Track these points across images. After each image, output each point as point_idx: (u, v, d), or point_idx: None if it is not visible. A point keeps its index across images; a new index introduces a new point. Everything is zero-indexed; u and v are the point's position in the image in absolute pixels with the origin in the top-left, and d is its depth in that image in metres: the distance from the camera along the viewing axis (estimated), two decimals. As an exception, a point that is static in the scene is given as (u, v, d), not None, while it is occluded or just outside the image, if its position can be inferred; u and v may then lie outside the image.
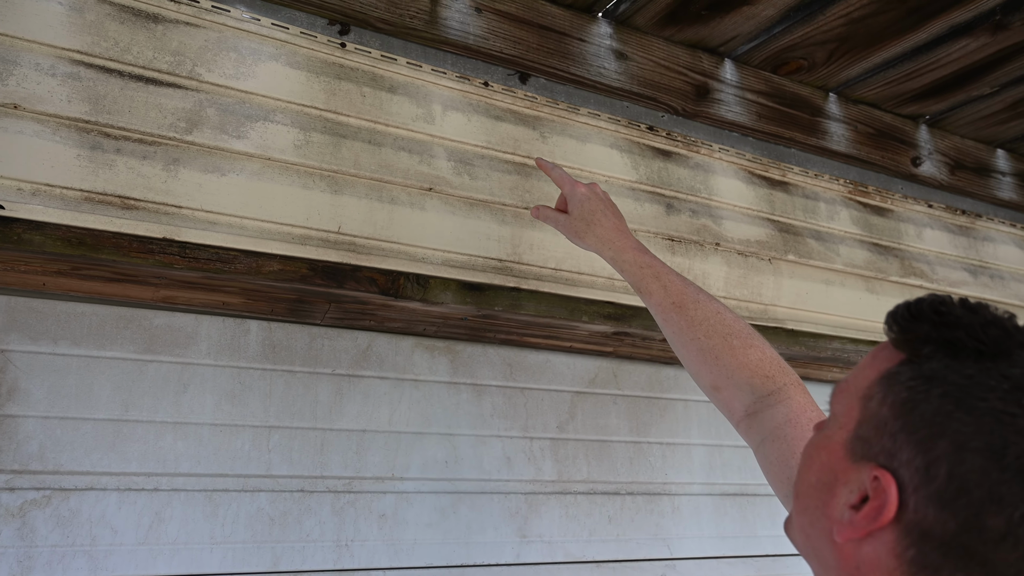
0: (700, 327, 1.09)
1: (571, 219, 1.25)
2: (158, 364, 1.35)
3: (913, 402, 0.61)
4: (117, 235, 1.19)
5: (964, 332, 0.61)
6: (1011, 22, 1.73)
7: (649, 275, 1.15)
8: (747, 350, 1.07)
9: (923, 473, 0.59)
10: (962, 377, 0.60)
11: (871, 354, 0.70)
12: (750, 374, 1.05)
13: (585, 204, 1.23)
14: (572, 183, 1.27)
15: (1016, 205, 2.27)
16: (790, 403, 1.02)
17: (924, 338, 0.63)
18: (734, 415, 1.10)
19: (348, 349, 1.50)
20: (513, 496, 1.58)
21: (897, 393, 0.63)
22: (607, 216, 1.22)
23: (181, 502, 1.31)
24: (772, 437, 1.01)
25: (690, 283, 1.15)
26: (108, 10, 1.24)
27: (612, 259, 1.20)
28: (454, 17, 1.50)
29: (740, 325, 1.10)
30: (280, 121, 1.32)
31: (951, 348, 0.61)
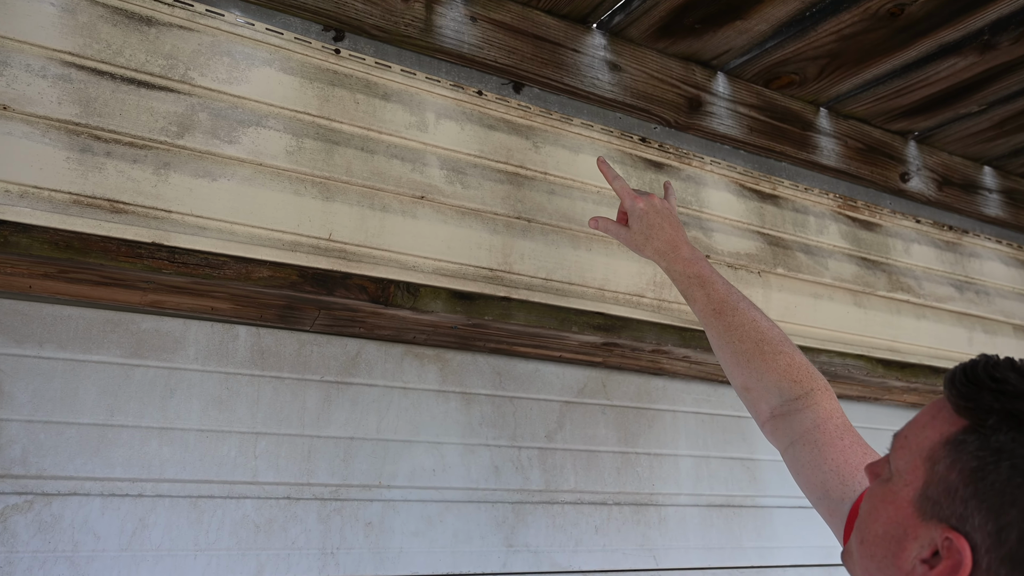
0: (736, 332, 1.17)
1: (631, 232, 1.32)
2: (145, 369, 1.32)
3: (983, 472, 0.67)
4: (105, 239, 1.16)
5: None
6: (999, 42, 1.73)
7: (695, 284, 1.23)
8: (777, 356, 1.13)
9: (995, 537, 0.65)
10: None
11: (930, 413, 0.76)
12: (779, 377, 1.12)
13: (644, 219, 1.30)
14: (632, 196, 1.32)
15: (1002, 222, 2.27)
16: (817, 408, 1.08)
17: (987, 408, 0.68)
18: (761, 416, 1.16)
19: (337, 356, 1.48)
20: (500, 505, 1.56)
21: (966, 461, 0.68)
22: (664, 229, 1.29)
23: (165, 508, 1.28)
24: (802, 441, 1.07)
25: (734, 291, 1.22)
26: (101, 12, 1.22)
27: (666, 269, 1.28)
28: (449, 26, 1.49)
29: (774, 332, 1.17)
30: (272, 127, 1.30)
31: (1015, 420, 0.67)
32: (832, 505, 1.01)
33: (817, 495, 1.04)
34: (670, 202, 1.36)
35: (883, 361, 1.92)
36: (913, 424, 0.77)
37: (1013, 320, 2.19)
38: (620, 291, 1.57)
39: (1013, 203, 2.31)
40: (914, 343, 1.98)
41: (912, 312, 2.01)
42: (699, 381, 1.91)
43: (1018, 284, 2.26)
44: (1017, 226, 2.30)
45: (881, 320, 1.94)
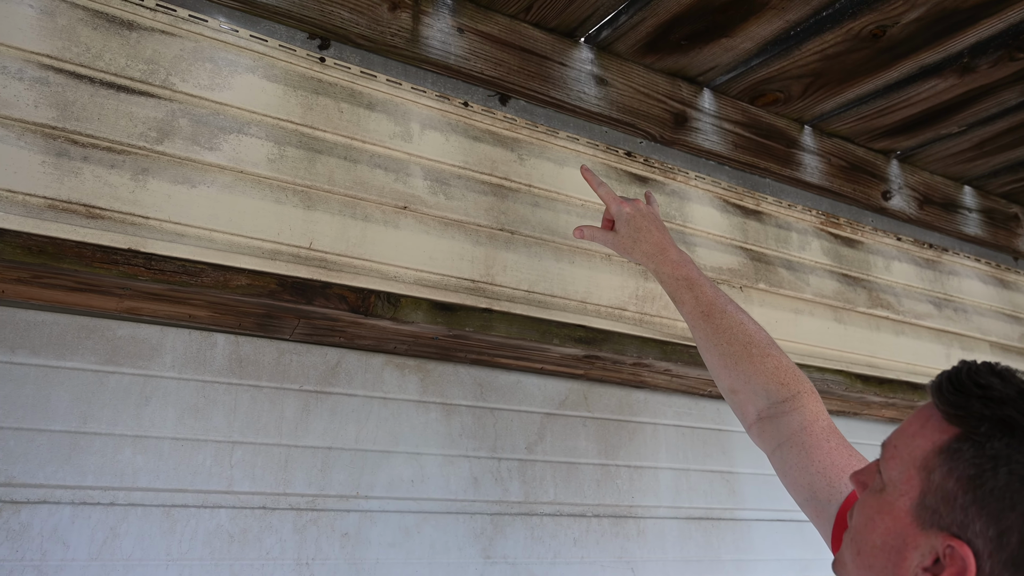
0: (724, 334, 1.15)
1: (619, 237, 1.30)
2: (120, 376, 1.28)
3: (981, 478, 0.67)
4: (80, 244, 1.12)
5: (1014, 410, 0.67)
6: (978, 65, 1.72)
7: (684, 286, 1.22)
8: (764, 359, 1.12)
9: (996, 542, 0.66)
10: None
11: (918, 421, 0.75)
12: (765, 380, 1.11)
13: (631, 222, 1.28)
14: (618, 201, 1.31)
15: (981, 240, 2.26)
16: (804, 411, 1.07)
17: (978, 416, 0.69)
18: (748, 418, 1.15)
19: (317, 365, 1.44)
20: (479, 516, 1.53)
21: (963, 469, 0.69)
22: (651, 232, 1.27)
23: (137, 517, 1.24)
24: (789, 444, 1.06)
25: (722, 294, 1.20)
26: (81, 15, 1.18)
27: (654, 271, 1.27)
28: (436, 36, 1.45)
29: (761, 335, 1.15)
30: (254, 134, 1.27)
31: (1007, 427, 0.68)
32: (819, 507, 1.00)
33: (804, 497, 1.03)
34: (653, 208, 1.35)
35: (862, 376, 1.90)
36: (902, 433, 0.77)
37: (990, 337, 2.17)
38: (602, 304, 1.54)
39: (992, 222, 2.30)
40: (893, 359, 1.96)
41: (891, 328, 1.99)
42: (680, 394, 1.88)
43: (995, 302, 2.24)
44: (995, 245, 2.29)
45: (861, 336, 1.91)
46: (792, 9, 1.54)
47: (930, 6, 1.53)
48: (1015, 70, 1.73)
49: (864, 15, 1.55)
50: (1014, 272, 2.35)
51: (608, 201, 1.32)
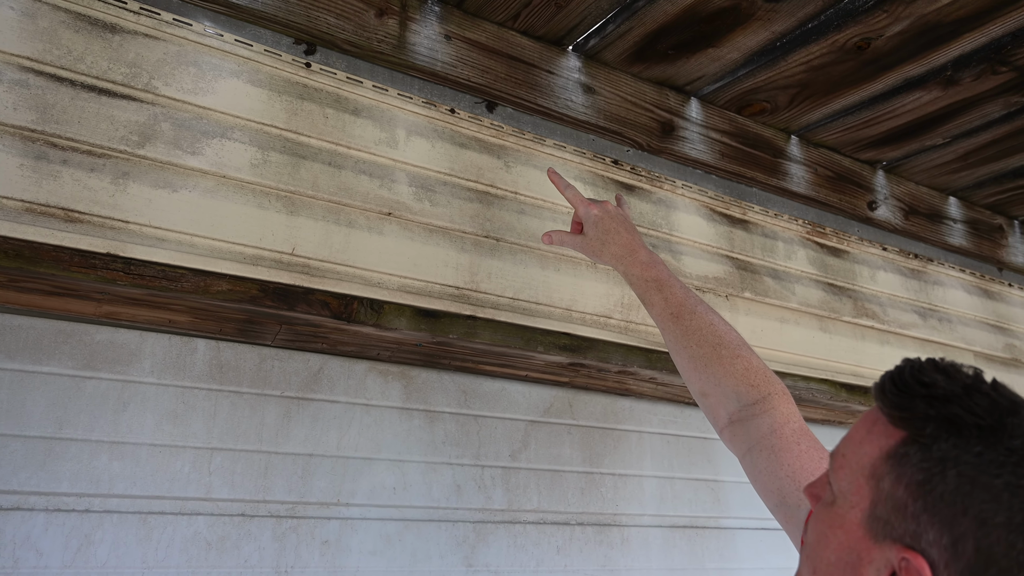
0: (693, 336, 1.12)
1: (587, 240, 1.26)
2: (97, 381, 1.25)
3: (930, 483, 0.63)
4: (58, 248, 1.10)
5: (959, 407, 0.63)
6: (961, 78, 1.71)
7: (653, 288, 1.18)
8: (734, 360, 1.08)
9: (951, 550, 0.61)
10: (972, 456, 0.62)
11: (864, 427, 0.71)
12: (735, 382, 1.07)
13: (599, 224, 1.24)
14: (585, 203, 1.27)
15: (966, 251, 2.24)
16: (775, 414, 1.04)
17: (923, 416, 0.64)
18: (719, 421, 1.11)
19: (299, 371, 1.41)
20: (461, 524, 1.50)
21: (911, 475, 0.64)
22: (620, 234, 1.23)
23: (113, 524, 1.21)
24: (759, 447, 1.02)
25: (692, 295, 1.17)
26: (63, 17, 1.15)
27: (623, 273, 1.23)
28: (423, 43, 1.43)
29: (731, 338, 1.12)
30: (238, 139, 1.24)
31: (953, 426, 0.63)
32: (789, 512, 0.97)
33: (774, 501, 1.00)
34: (623, 210, 1.31)
35: (847, 385, 1.88)
36: (849, 441, 0.72)
37: (974, 347, 2.16)
38: (587, 312, 1.52)
39: (977, 233, 2.29)
40: (877, 368, 1.94)
41: (876, 338, 1.97)
42: (665, 402, 1.86)
43: (980, 312, 2.23)
44: (980, 256, 2.28)
45: (846, 345, 1.90)
46: (778, 20, 1.53)
47: (913, 19, 1.52)
48: (998, 83, 1.73)
49: (849, 27, 1.54)
50: (998, 283, 2.34)
51: (575, 204, 1.28)
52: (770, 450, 1.00)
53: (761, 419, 1.04)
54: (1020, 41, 1.59)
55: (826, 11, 1.52)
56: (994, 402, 0.63)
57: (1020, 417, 0.63)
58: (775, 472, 0.99)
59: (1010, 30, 1.56)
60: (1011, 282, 2.37)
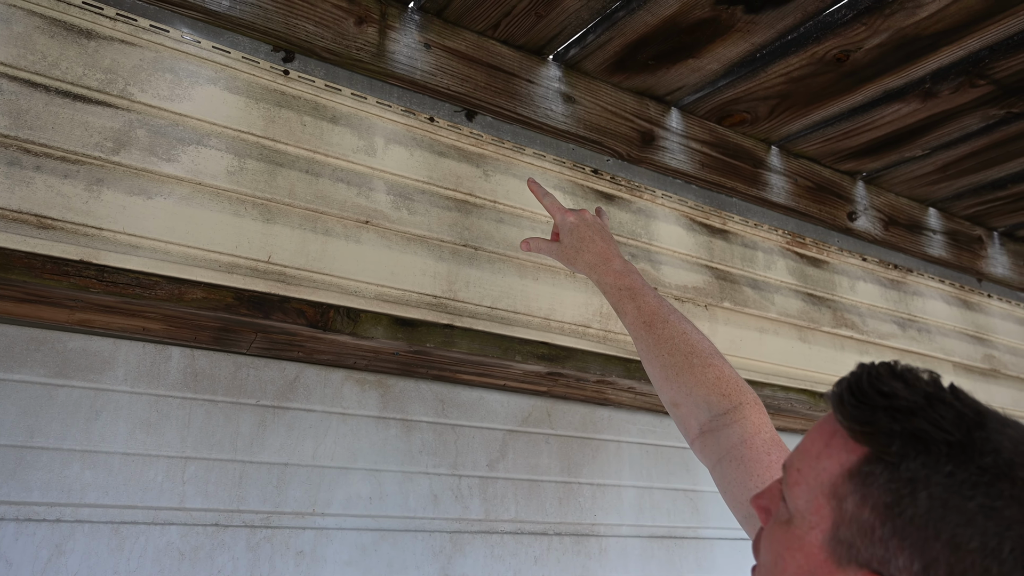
0: (665, 345, 1.12)
1: (562, 247, 1.27)
2: (70, 389, 1.26)
3: (899, 506, 0.60)
4: (30, 255, 1.11)
5: (924, 421, 0.60)
6: (939, 90, 1.75)
7: (626, 296, 1.18)
8: (705, 369, 1.08)
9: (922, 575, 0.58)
10: (943, 476, 0.59)
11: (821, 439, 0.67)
12: (707, 391, 1.06)
13: (575, 231, 1.26)
14: (562, 211, 1.29)
15: (945, 262, 2.29)
16: (745, 424, 1.03)
17: (887, 432, 0.61)
18: (690, 432, 1.11)
19: (275, 380, 1.43)
20: (438, 535, 1.52)
21: (878, 496, 0.61)
22: (595, 242, 1.24)
23: (84, 534, 1.22)
24: (729, 458, 1.01)
25: (665, 304, 1.17)
26: (38, 23, 1.17)
27: (597, 282, 1.23)
28: (402, 51, 1.46)
29: (704, 346, 1.11)
30: (214, 146, 1.26)
31: (920, 442, 0.60)
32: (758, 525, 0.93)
33: (744, 514, 0.98)
34: (601, 219, 1.32)
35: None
36: (804, 454, 0.68)
37: (953, 358, 2.21)
38: (566, 321, 1.55)
39: (956, 244, 2.34)
40: (857, 379, 1.98)
41: (855, 348, 2.01)
42: (644, 412, 1.89)
43: (959, 323, 2.27)
44: (960, 266, 2.33)
45: (825, 355, 1.93)
46: (757, 32, 1.56)
47: (892, 32, 1.56)
48: (976, 96, 1.77)
49: (828, 40, 1.58)
50: (978, 293, 2.39)
51: (553, 212, 1.30)
52: (740, 461, 0.99)
53: (732, 429, 1.03)
54: (997, 55, 1.63)
55: (805, 23, 1.56)
56: (959, 414, 0.61)
57: (987, 430, 0.61)
58: (745, 483, 0.97)
59: (988, 44, 1.61)
60: (990, 293, 2.43)
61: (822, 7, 1.51)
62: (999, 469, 0.58)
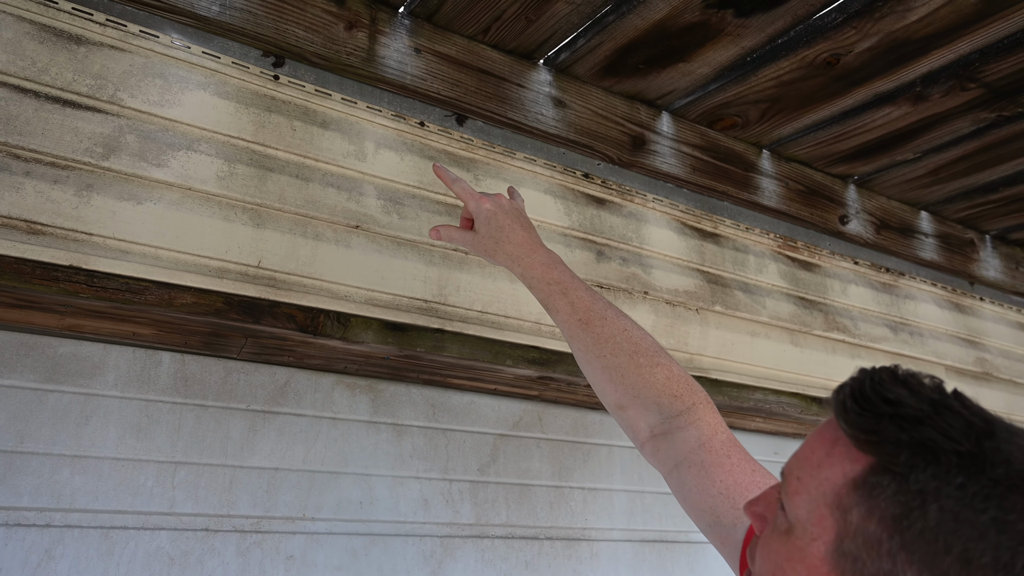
0: (606, 344, 1.05)
1: (479, 237, 1.17)
2: (60, 394, 1.28)
3: (908, 519, 0.58)
4: (19, 260, 1.13)
5: (932, 430, 0.59)
6: (930, 94, 1.78)
7: (556, 292, 1.10)
8: (653, 369, 1.03)
9: None
10: (955, 489, 0.58)
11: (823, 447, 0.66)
12: (657, 393, 1.02)
13: (492, 220, 1.16)
14: (476, 198, 1.18)
15: (937, 265, 2.32)
16: (701, 425, 0.99)
17: (895, 442, 0.60)
18: (639, 436, 1.06)
19: (265, 384, 1.45)
20: (428, 539, 1.54)
21: (885, 508, 0.60)
22: (515, 231, 1.15)
23: (74, 539, 1.23)
24: (687, 463, 0.98)
25: (599, 299, 1.10)
26: (27, 29, 1.19)
27: (521, 276, 1.15)
28: (392, 56, 1.48)
29: (648, 343, 1.06)
30: (204, 151, 1.28)
31: (929, 452, 0.59)
32: (724, 532, 0.93)
33: (708, 522, 0.95)
34: (518, 204, 1.23)
35: (817, 399, 1.94)
36: (804, 462, 0.67)
37: (945, 361, 2.24)
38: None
39: (948, 247, 2.37)
40: (848, 383, 2.00)
41: (847, 352, 2.04)
42: (636, 416, 1.91)
43: (951, 326, 2.31)
44: (951, 270, 2.36)
45: (816, 359, 1.96)
46: (747, 36, 1.59)
47: (882, 36, 1.59)
48: (967, 99, 1.80)
49: (818, 43, 1.61)
50: (970, 297, 2.43)
51: (465, 198, 1.19)
52: (700, 466, 0.97)
53: (687, 432, 1.00)
54: (988, 58, 1.66)
55: (795, 27, 1.58)
56: (968, 422, 0.60)
57: (997, 440, 0.59)
58: (707, 490, 0.95)
59: (978, 47, 1.63)
60: (982, 296, 2.46)
61: (812, 11, 1.53)
62: (1011, 481, 0.57)
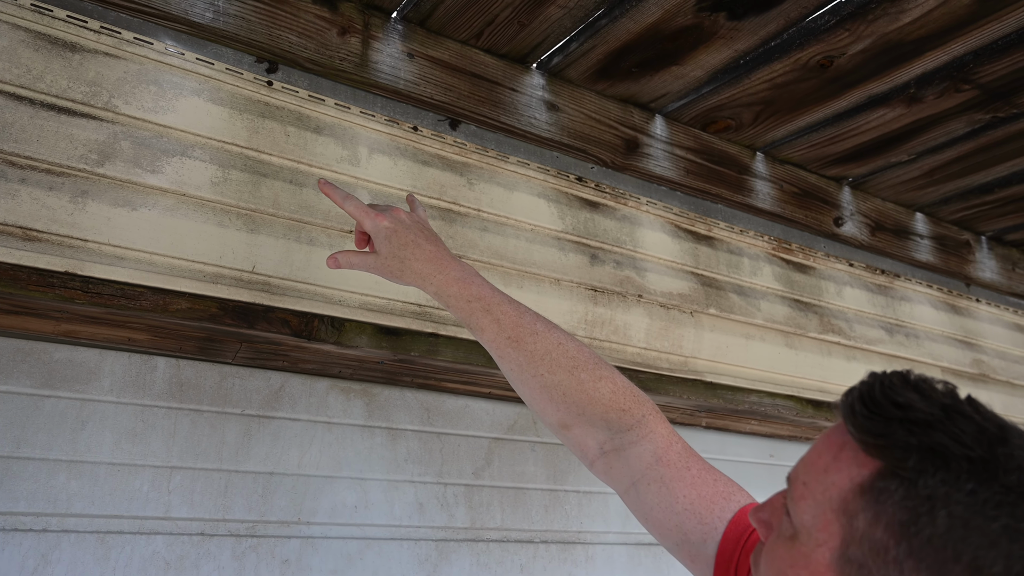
0: (542, 362, 0.99)
1: (381, 258, 1.08)
2: (56, 400, 1.30)
3: (916, 525, 0.58)
4: (15, 267, 1.15)
5: (943, 435, 0.58)
6: (924, 95, 1.81)
7: (478, 309, 1.03)
8: (597, 383, 0.98)
9: None
10: (965, 495, 0.57)
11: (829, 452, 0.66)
12: (604, 409, 0.97)
13: (393, 238, 1.07)
14: (372, 215, 1.09)
15: (933, 267, 2.35)
16: (654, 438, 0.96)
17: (904, 446, 0.59)
18: (588, 454, 1.01)
19: (260, 389, 1.47)
20: (423, 543, 1.56)
21: (893, 514, 0.59)
22: (420, 246, 1.07)
23: (70, 544, 1.26)
24: (645, 480, 0.94)
25: (526, 312, 1.04)
26: (22, 36, 1.21)
27: (435, 294, 1.07)
28: (385, 61, 1.51)
29: (585, 355, 1.01)
30: (198, 157, 1.30)
31: (939, 458, 0.58)
32: (694, 549, 0.89)
33: (674, 540, 0.92)
34: (419, 214, 1.15)
35: (813, 402, 1.97)
36: (811, 466, 0.67)
37: (941, 363, 2.26)
38: (551, 329, 1.59)
39: (944, 249, 2.40)
40: (844, 384, 2.02)
41: (843, 354, 2.06)
42: (631, 419, 1.94)
43: (947, 328, 2.33)
44: (947, 271, 2.39)
45: (812, 361, 1.99)
46: (740, 39, 1.61)
47: (875, 38, 1.61)
48: (961, 101, 1.82)
49: (811, 46, 1.63)
50: (966, 298, 2.45)
51: (359, 216, 1.10)
52: (659, 482, 0.93)
53: (641, 446, 0.96)
54: (982, 59, 1.68)
55: (788, 29, 1.61)
56: (980, 428, 0.59)
57: (1011, 446, 0.58)
58: (671, 507, 0.92)
59: (972, 48, 1.65)
60: (978, 297, 2.49)
61: (805, 13, 1.56)
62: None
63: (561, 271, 1.62)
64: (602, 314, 1.66)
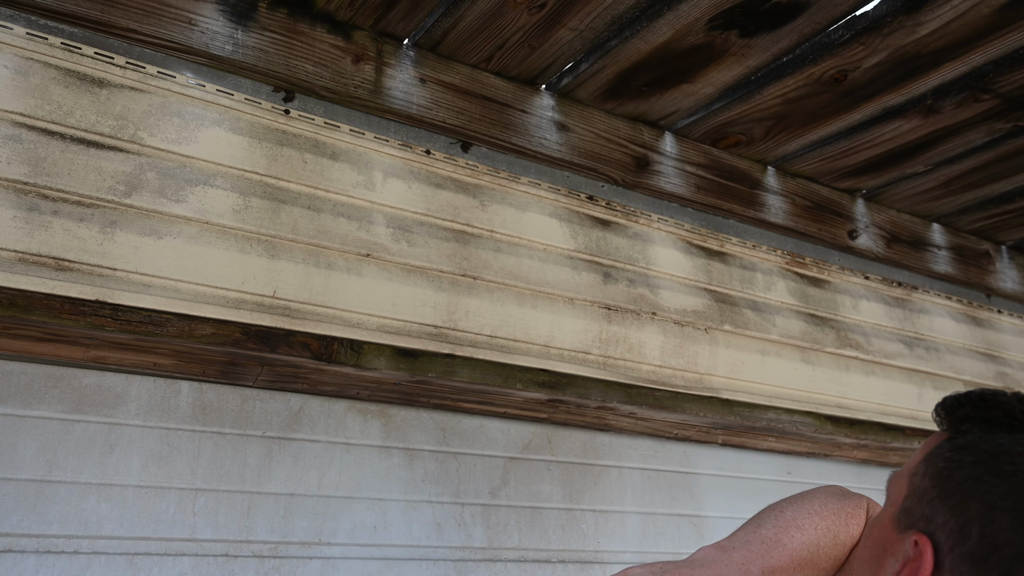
0: None
1: None
2: (85, 424, 1.43)
3: (949, 471, 0.73)
4: (49, 296, 1.28)
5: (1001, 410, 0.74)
6: (942, 107, 1.91)
7: None
8: None
9: (957, 534, 0.68)
10: (993, 446, 0.72)
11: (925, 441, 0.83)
12: None
13: None
14: None
15: (951, 278, 2.46)
16: None
17: (964, 417, 0.76)
18: None
19: (280, 411, 1.60)
20: (442, 563, 1.68)
21: (935, 464, 0.75)
22: None
23: (101, 565, 1.38)
24: None
25: None
26: (54, 74, 1.34)
27: None
28: (398, 87, 1.64)
29: None
30: (220, 186, 1.43)
31: (987, 424, 0.74)
32: None
33: None
34: None
35: (831, 418, 2.08)
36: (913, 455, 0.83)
37: (963, 376, 2.37)
38: (565, 348, 1.71)
39: (963, 260, 2.50)
40: (863, 400, 2.14)
41: (861, 368, 2.17)
42: (645, 437, 2.05)
43: (968, 340, 2.44)
44: (967, 282, 2.49)
45: (829, 377, 2.10)
46: (752, 55, 1.73)
47: (891, 51, 1.69)
48: (980, 111, 1.89)
49: (824, 60, 1.74)
50: (987, 309, 2.56)
51: None
52: None
53: None
54: (1002, 69, 1.75)
55: (801, 45, 1.71)
56: None
57: None
58: None
59: (992, 58, 1.72)
60: (1000, 308, 2.60)
61: (818, 29, 1.64)
62: None
63: (574, 290, 1.74)
64: (616, 332, 1.78)
